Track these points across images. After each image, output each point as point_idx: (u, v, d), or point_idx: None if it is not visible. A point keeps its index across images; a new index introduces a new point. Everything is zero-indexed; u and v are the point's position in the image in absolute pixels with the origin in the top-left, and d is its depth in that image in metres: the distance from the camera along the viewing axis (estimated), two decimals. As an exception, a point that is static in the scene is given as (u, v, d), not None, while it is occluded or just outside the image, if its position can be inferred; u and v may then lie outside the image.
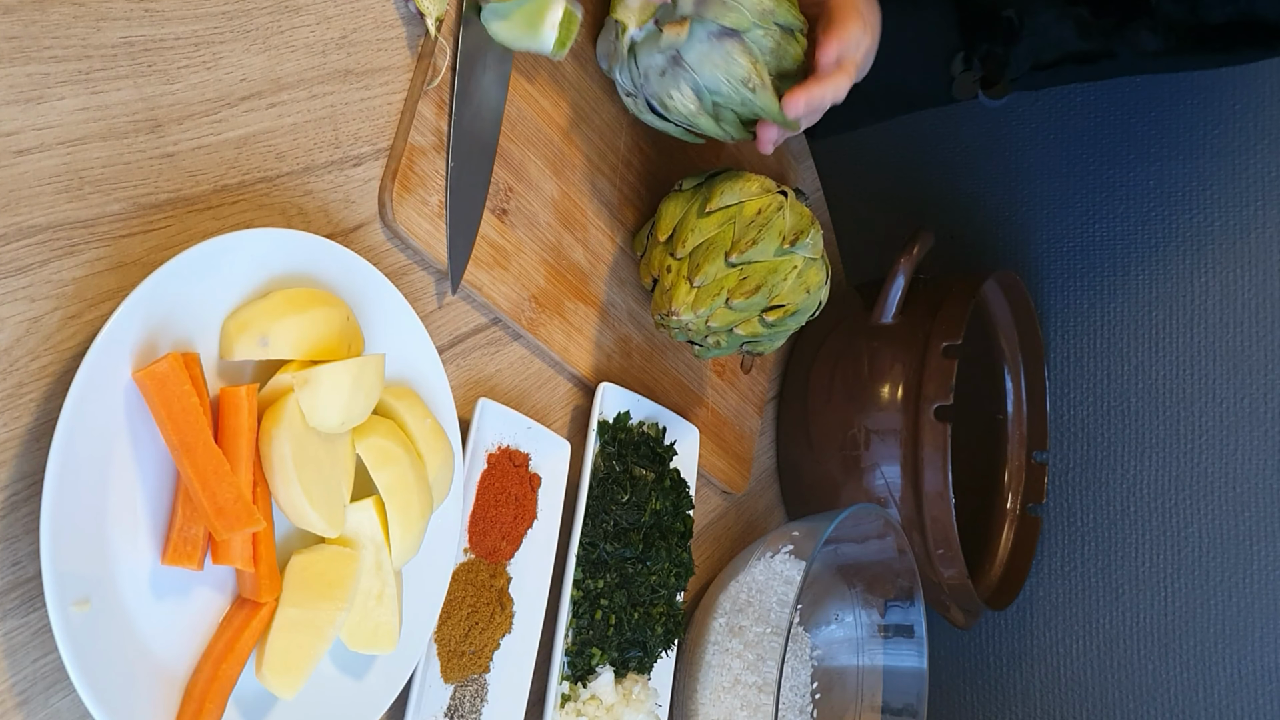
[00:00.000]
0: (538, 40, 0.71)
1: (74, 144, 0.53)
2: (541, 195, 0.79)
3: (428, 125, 0.69)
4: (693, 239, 0.82)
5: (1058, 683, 1.33)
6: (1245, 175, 1.25)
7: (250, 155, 0.61)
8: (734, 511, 1.08)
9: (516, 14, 0.70)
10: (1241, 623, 1.24)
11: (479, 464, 0.75)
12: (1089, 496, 1.32)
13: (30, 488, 0.52)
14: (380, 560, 0.62)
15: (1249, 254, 1.24)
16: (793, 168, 1.10)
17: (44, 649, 0.53)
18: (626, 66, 0.78)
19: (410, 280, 0.71)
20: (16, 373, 0.51)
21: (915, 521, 1.07)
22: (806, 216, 0.84)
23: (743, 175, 0.84)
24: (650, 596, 0.86)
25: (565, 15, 0.71)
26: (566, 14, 0.71)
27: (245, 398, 0.55)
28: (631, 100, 0.80)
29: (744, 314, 0.82)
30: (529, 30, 0.71)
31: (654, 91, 0.77)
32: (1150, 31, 0.94)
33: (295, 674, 0.57)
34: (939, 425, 1.04)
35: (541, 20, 0.71)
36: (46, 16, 0.52)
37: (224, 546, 0.56)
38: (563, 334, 0.82)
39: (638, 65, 0.77)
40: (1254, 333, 1.24)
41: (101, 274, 0.54)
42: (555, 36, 0.71)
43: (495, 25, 0.71)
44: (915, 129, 1.43)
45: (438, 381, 0.68)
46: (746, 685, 0.90)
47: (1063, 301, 1.34)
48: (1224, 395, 1.25)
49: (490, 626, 0.75)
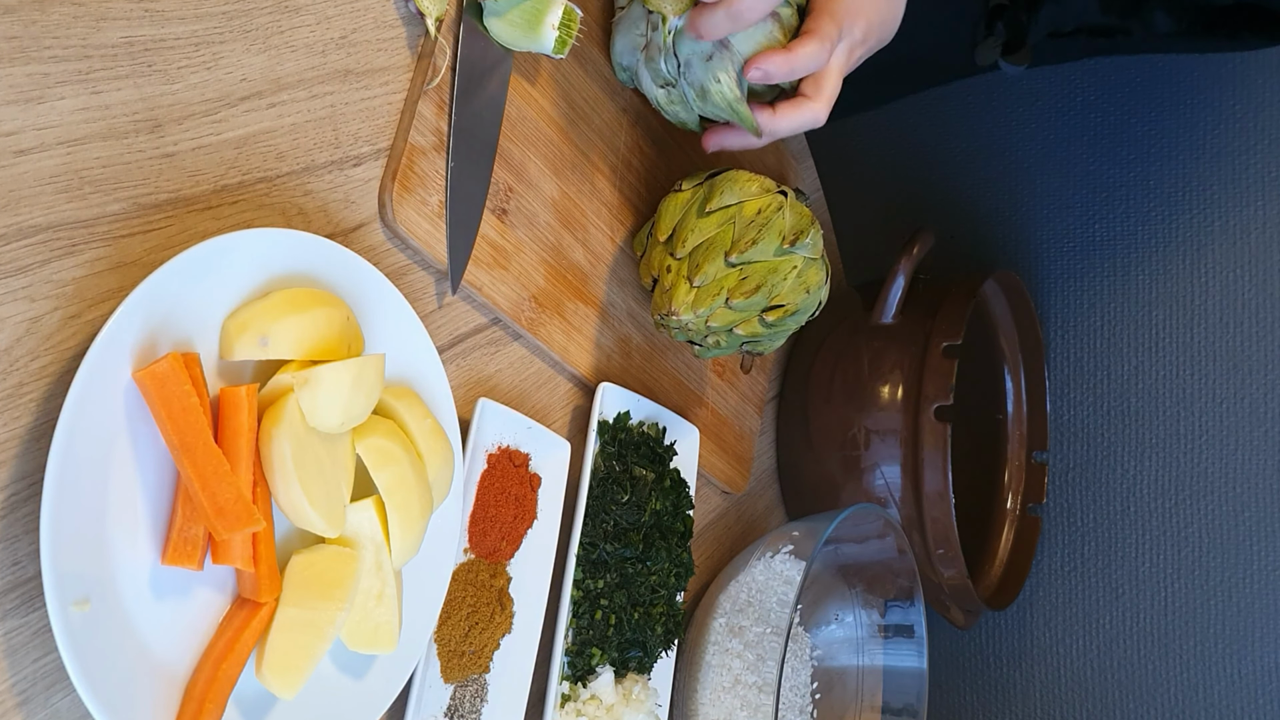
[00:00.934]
0: (538, 40, 0.71)
1: (74, 144, 0.53)
2: (541, 195, 0.79)
3: (428, 125, 0.69)
4: (692, 239, 0.82)
5: (1058, 683, 1.33)
6: (1245, 175, 1.25)
7: (250, 155, 0.61)
8: (734, 511, 1.08)
9: (515, 13, 0.70)
10: (1242, 623, 1.24)
11: (479, 464, 0.75)
12: (1089, 496, 1.32)
13: (30, 488, 0.52)
14: (380, 560, 0.62)
15: (1249, 254, 1.24)
16: (793, 167, 1.10)
17: (44, 649, 0.53)
18: (666, 57, 0.78)
19: (410, 280, 0.71)
20: (16, 373, 0.51)
21: (915, 521, 1.07)
22: (806, 216, 0.84)
23: (743, 175, 0.84)
24: (650, 596, 0.86)
25: (565, 14, 0.71)
26: (567, 12, 0.71)
27: (245, 398, 0.55)
28: (666, 92, 0.80)
29: (744, 314, 0.82)
30: (529, 30, 0.71)
31: (697, 79, 0.77)
32: (1165, 12, 0.94)
33: (295, 674, 0.57)
34: (939, 425, 1.04)
35: (541, 20, 0.71)
36: (47, 16, 0.52)
37: (224, 546, 0.56)
38: (563, 334, 0.82)
39: (678, 55, 0.77)
40: (1254, 333, 1.24)
41: (101, 274, 0.54)
42: (556, 36, 0.71)
43: (495, 25, 0.71)
44: (915, 129, 1.43)
45: (438, 381, 0.68)
46: (747, 685, 0.90)
47: (1063, 301, 1.34)
48: (1224, 395, 1.25)
49: (490, 626, 0.75)
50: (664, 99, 0.81)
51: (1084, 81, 1.33)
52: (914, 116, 1.42)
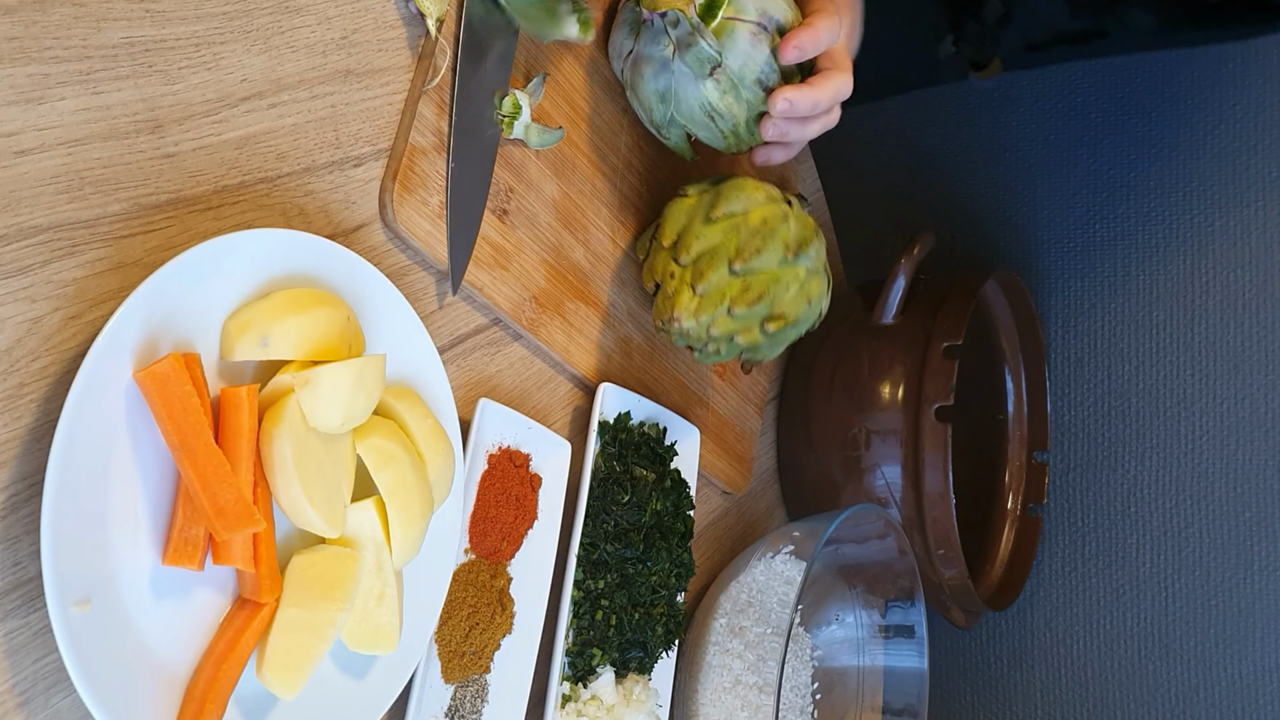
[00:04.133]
0: (560, 28, 0.73)
1: (75, 144, 0.53)
2: (542, 196, 0.79)
3: (428, 125, 0.69)
4: (697, 245, 0.81)
5: (1058, 683, 1.33)
6: (1245, 175, 1.25)
7: (251, 156, 0.61)
8: (734, 512, 1.08)
9: (528, 4, 0.72)
10: (1242, 623, 1.24)
11: (479, 464, 0.75)
12: (1090, 497, 1.32)
13: (31, 488, 0.52)
14: (381, 561, 0.62)
15: (1249, 254, 1.24)
16: (793, 169, 1.10)
17: (45, 649, 0.53)
18: (688, 52, 0.77)
19: (411, 281, 0.71)
20: (17, 373, 0.51)
21: (916, 522, 1.07)
22: (810, 226, 0.84)
23: (749, 183, 0.84)
24: (651, 597, 0.86)
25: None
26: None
27: (246, 398, 0.55)
28: (713, 83, 0.78)
29: (745, 323, 0.82)
30: (549, 19, 0.73)
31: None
32: (1142, 8, 0.93)
33: (296, 674, 0.57)
34: (940, 426, 1.04)
35: (557, 9, 0.73)
36: (47, 17, 0.52)
37: (224, 547, 0.56)
38: (563, 334, 0.82)
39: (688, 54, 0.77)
40: (1254, 333, 1.24)
41: (102, 274, 0.54)
42: (577, 20, 0.73)
43: (522, 22, 0.73)
44: (916, 129, 1.43)
45: (438, 382, 0.68)
46: (747, 686, 0.90)
47: (1063, 301, 1.34)
48: (1224, 395, 1.25)
49: (491, 627, 0.75)
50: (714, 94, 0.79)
51: (1084, 82, 1.33)
52: (915, 117, 1.42)
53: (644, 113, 0.83)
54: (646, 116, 0.83)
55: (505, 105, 0.74)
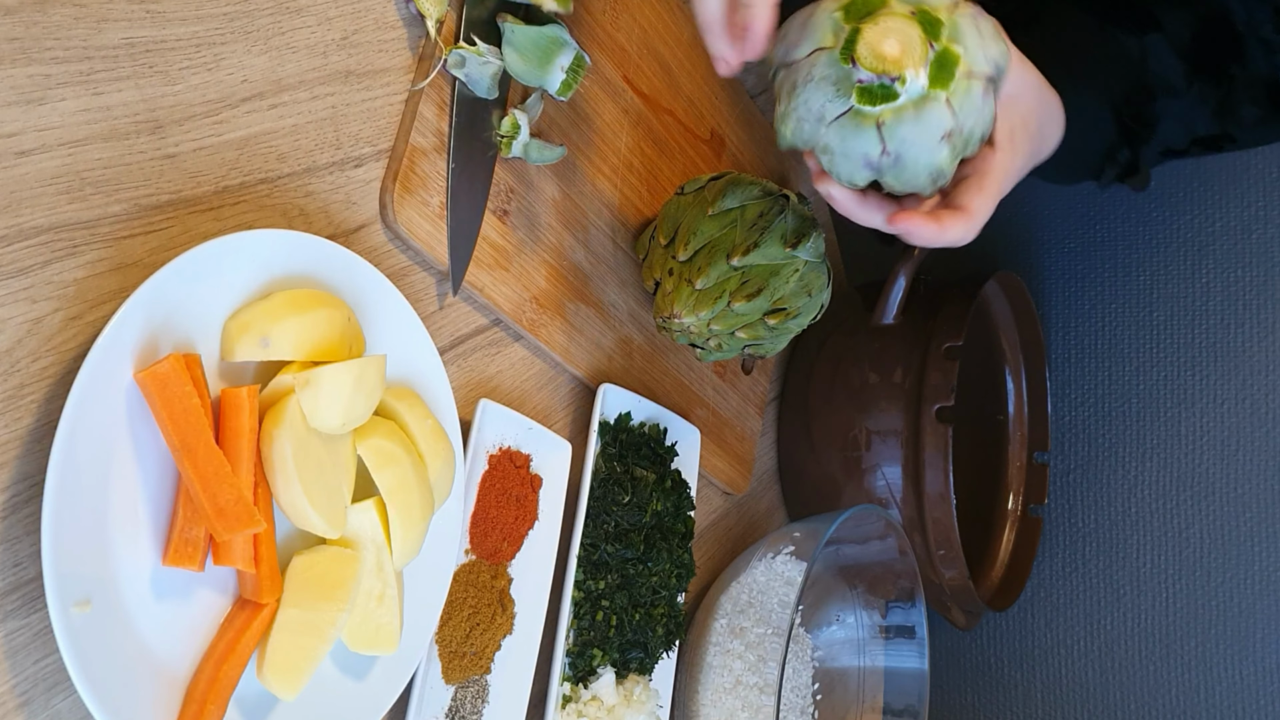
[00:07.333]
0: (546, 78, 0.71)
1: (75, 145, 0.53)
2: (543, 197, 0.79)
3: (429, 126, 0.69)
4: (695, 242, 0.82)
5: (1059, 683, 1.33)
6: (1245, 175, 1.25)
7: (251, 156, 0.61)
8: (735, 512, 1.08)
9: (530, 47, 0.70)
10: (1243, 623, 1.23)
11: (480, 465, 0.75)
12: (1090, 497, 1.32)
13: (31, 489, 0.52)
14: (381, 561, 0.62)
15: (1249, 253, 1.24)
16: (794, 169, 1.10)
17: (45, 650, 0.53)
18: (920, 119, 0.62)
19: (411, 281, 0.71)
20: (18, 374, 0.51)
21: (916, 522, 1.07)
22: (808, 219, 0.84)
23: (745, 178, 0.84)
24: (651, 597, 0.86)
25: (576, 59, 0.71)
26: (577, 58, 0.71)
27: (246, 399, 0.55)
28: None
29: (746, 317, 0.82)
30: (540, 66, 0.71)
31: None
32: (1250, 103, 0.90)
33: (296, 675, 0.57)
34: (940, 426, 1.04)
35: (553, 60, 0.71)
36: (48, 18, 0.52)
37: (225, 547, 0.56)
38: (564, 335, 0.82)
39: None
40: (1254, 333, 1.24)
41: (103, 275, 0.54)
42: (563, 79, 0.71)
43: (510, 54, 0.71)
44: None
45: (439, 382, 0.68)
46: (748, 686, 0.90)
47: (1063, 302, 1.34)
48: (1224, 395, 1.25)
49: (491, 627, 0.75)
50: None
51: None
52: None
53: (834, 173, 0.67)
54: (834, 174, 0.67)
55: (504, 125, 0.73)
